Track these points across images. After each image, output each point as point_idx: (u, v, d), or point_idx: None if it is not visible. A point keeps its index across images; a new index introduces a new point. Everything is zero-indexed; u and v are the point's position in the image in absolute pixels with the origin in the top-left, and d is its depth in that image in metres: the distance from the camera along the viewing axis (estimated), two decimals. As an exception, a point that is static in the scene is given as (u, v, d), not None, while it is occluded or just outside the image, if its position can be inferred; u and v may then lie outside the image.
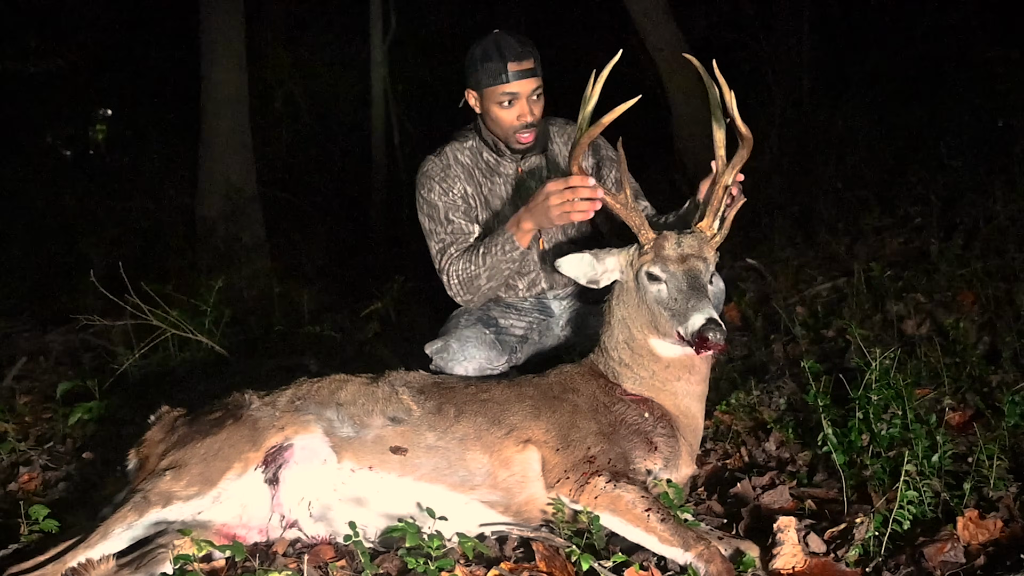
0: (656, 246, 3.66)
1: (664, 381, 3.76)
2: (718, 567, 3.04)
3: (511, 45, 4.29)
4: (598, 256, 3.82)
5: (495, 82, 4.30)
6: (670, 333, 3.58)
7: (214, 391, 4.64)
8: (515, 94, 4.30)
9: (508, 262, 4.17)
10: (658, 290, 3.61)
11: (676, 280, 3.57)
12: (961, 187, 8.69)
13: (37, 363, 7.34)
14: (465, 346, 4.28)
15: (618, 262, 3.81)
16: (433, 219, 4.44)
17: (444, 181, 4.45)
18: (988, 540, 3.18)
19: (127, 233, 12.73)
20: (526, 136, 4.40)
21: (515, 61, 4.26)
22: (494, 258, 4.16)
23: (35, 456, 5.01)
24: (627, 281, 3.78)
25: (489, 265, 4.18)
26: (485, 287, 4.29)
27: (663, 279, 3.60)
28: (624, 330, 3.80)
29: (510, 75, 4.27)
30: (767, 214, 9.33)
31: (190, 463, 3.42)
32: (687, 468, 3.77)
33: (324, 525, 3.49)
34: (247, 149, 11.48)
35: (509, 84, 4.29)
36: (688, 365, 3.75)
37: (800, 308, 6.60)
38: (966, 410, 4.48)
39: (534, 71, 4.33)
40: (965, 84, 11.35)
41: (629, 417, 3.67)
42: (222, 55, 11.20)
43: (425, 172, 4.50)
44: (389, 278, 8.43)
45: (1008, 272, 6.37)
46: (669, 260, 3.61)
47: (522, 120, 4.35)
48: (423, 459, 3.50)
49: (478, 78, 4.34)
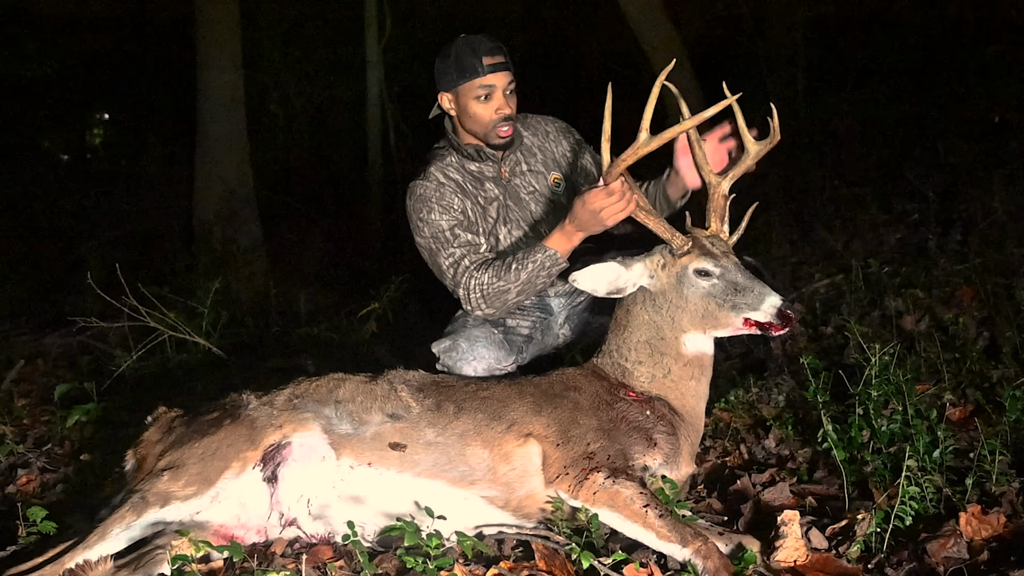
0: (698, 245, 3.73)
1: (677, 380, 3.80)
2: (716, 563, 3.03)
3: (482, 42, 4.32)
4: (626, 264, 3.82)
5: (472, 76, 4.30)
6: (728, 323, 3.66)
7: (212, 392, 4.64)
8: (491, 87, 4.30)
9: (545, 277, 4.13)
10: (711, 284, 3.67)
11: (730, 272, 3.67)
12: (958, 183, 8.67)
13: (35, 365, 7.34)
14: (475, 346, 4.27)
15: (646, 268, 3.82)
16: (438, 239, 4.35)
17: (441, 200, 4.38)
18: (991, 535, 3.17)
19: (124, 236, 12.75)
20: (505, 129, 4.40)
21: (488, 55, 4.29)
22: (530, 274, 4.11)
23: (33, 458, 5.00)
24: (659, 284, 3.79)
25: (524, 280, 4.13)
26: (512, 301, 4.24)
27: (716, 273, 3.67)
28: (650, 330, 3.82)
29: (485, 68, 4.28)
30: (764, 211, 9.33)
31: (188, 463, 3.41)
32: (687, 467, 3.76)
33: (323, 523, 3.48)
34: (243, 151, 11.46)
35: (485, 77, 4.29)
36: (703, 365, 3.82)
37: (798, 305, 6.58)
38: (967, 405, 4.47)
39: (506, 65, 4.35)
40: (961, 80, 11.34)
41: (630, 415, 3.67)
42: (218, 58, 11.18)
43: (419, 196, 4.41)
44: (386, 279, 8.41)
45: (1007, 267, 6.36)
46: (718, 255, 3.70)
47: (500, 113, 4.35)
48: (422, 455, 3.49)
49: (452, 78, 4.35)
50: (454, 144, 4.53)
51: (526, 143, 4.67)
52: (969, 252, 6.81)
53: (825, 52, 13.62)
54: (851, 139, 11.19)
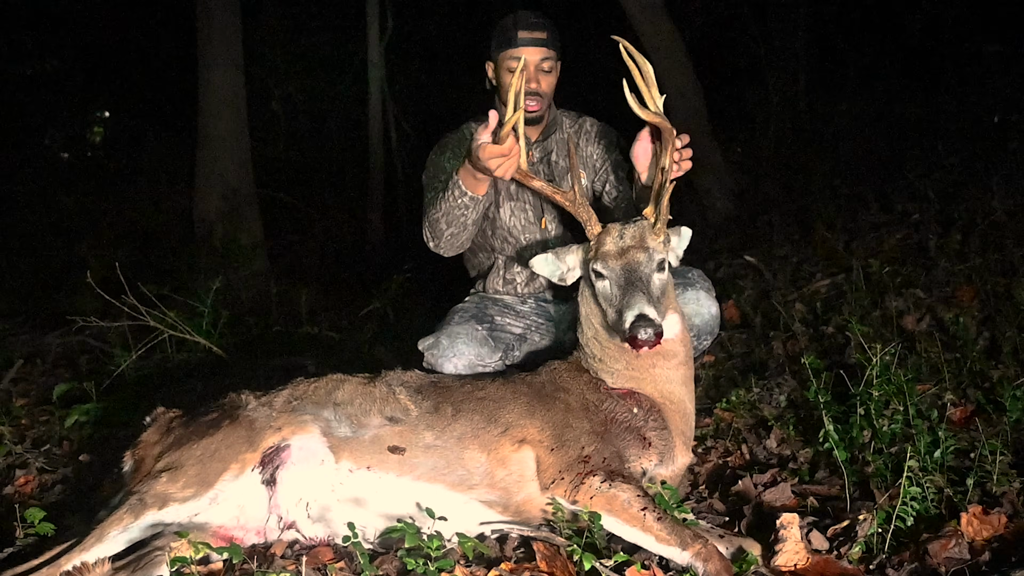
0: (598, 242, 3.70)
1: (640, 370, 3.75)
2: (716, 565, 3.03)
3: (526, 16, 4.39)
4: (559, 254, 3.87)
5: (506, 47, 4.37)
6: (617, 329, 3.54)
7: (212, 392, 4.62)
8: (522, 59, 4.29)
9: (460, 208, 4.16)
10: (603, 286, 3.65)
11: (615, 275, 3.59)
12: (958, 183, 8.68)
13: (34, 365, 7.33)
14: (455, 342, 4.29)
15: (576, 259, 3.84)
16: (434, 176, 4.49)
17: (456, 149, 4.53)
18: (993, 536, 3.17)
19: (124, 234, 12.74)
20: (531, 104, 4.41)
21: (526, 29, 4.35)
22: (448, 203, 4.16)
23: (31, 459, 4.99)
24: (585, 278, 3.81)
25: (445, 210, 4.18)
26: (447, 232, 4.27)
27: (605, 275, 3.63)
28: (590, 326, 3.83)
29: (519, 40, 4.34)
30: (765, 211, 9.33)
31: (186, 464, 3.40)
32: (683, 457, 3.75)
33: (323, 526, 3.47)
34: (244, 150, 11.47)
35: (517, 49, 4.34)
36: (662, 352, 3.72)
37: (799, 305, 6.58)
38: (967, 405, 4.46)
39: (545, 42, 4.39)
40: (961, 80, 11.35)
41: (619, 414, 3.66)
42: (219, 56, 11.18)
43: (441, 142, 4.62)
44: (387, 278, 8.43)
45: (1007, 267, 6.36)
46: (608, 256, 3.63)
47: (528, 87, 4.36)
48: (421, 458, 3.49)
49: (492, 47, 4.45)
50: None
51: (560, 136, 4.69)
52: (970, 252, 6.81)
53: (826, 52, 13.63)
54: (852, 139, 11.19)
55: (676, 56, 10.69)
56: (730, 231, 9.33)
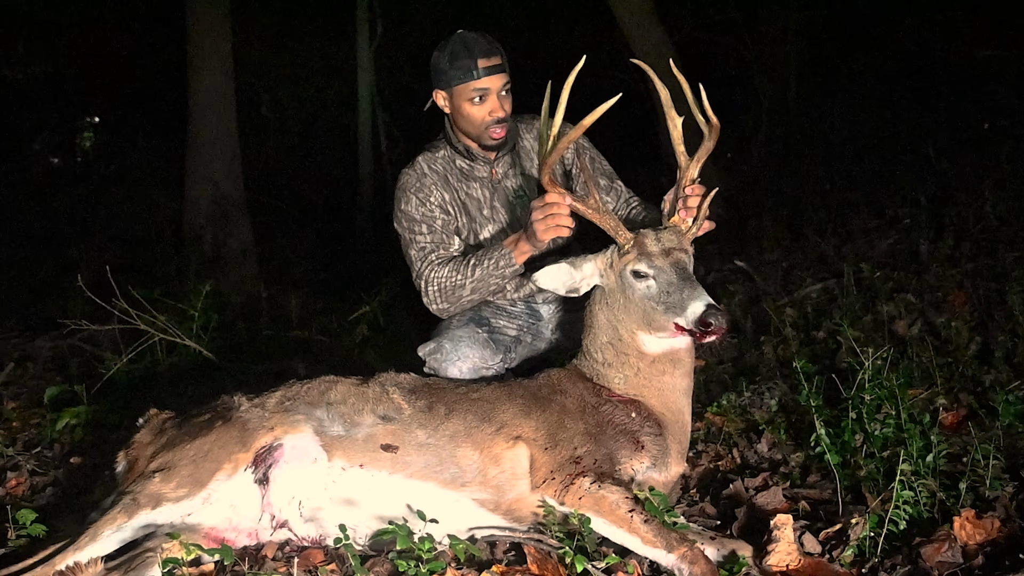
0: (638, 244, 3.67)
1: (650, 377, 3.75)
2: (702, 568, 3.03)
3: (479, 42, 4.31)
4: (575, 264, 3.83)
5: (466, 79, 4.29)
6: (665, 327, 3.58)
7: (202, 395, 4.61)
8: (486, 90, 4.30)
9: (499, 278, 4.17)
10: (647, 286, 3.62)
11: (665, 273, 3.59)
12: (950, 188, 8.71)
13: (25, 368, 7.30)
14: (458, 346, 4.28)
15: (596, 267, 3.82)
16: (412, 229, 4.43)
17: (420, 191, 4.44)
18: (985, 540, 3.17)
19: (115, 239, 12.72)
20: (498, 132, 4.39)
21: (484, 58, 4.28)
22: (484, 271, 4.15)
23: (23, 461, 4.97)
24: (609, 284, 3.79)
25: (478, 277, 4.17)
26: (466, 299, 4.28)
27: (651, 275, 3.61)
28: (609, 331, 3.81)
29: (480, 71, 4.27)
30: (755, 216, 9.34)
31: (179, 465, 3.39)
32: (677, 467, 3.75)
33: (314, 526, 3.47)
34: (234, 155, 11.47)
35: (480, 80, 4.28)
36: (674, 359, 3.75)
37: (790, 310, 6.58)
38: (960, 410, 4.47)
39: (502, 67, 4.35)
40: (952, 85, 11.38)
41: (616, 418, 3.66)
42: (209, 61, 11.20)
43: (401, 186, 4.51)
44: (377, 282, 8.42)
45: (999, 271, 6.37)
46: (654, 255, 3.62)
47: (494, 115, 4.34)
48: (414, 456, 3.49)
49: (448, 77, 4.34)
50: (449, 139, 4.55)
51: (524, 145, 4.66)
52: (961, 257, 6.83)
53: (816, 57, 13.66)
54: (843, 144, 11.21)
55: (665, 61, 10.70)
56: (720, 236, 9.36)
